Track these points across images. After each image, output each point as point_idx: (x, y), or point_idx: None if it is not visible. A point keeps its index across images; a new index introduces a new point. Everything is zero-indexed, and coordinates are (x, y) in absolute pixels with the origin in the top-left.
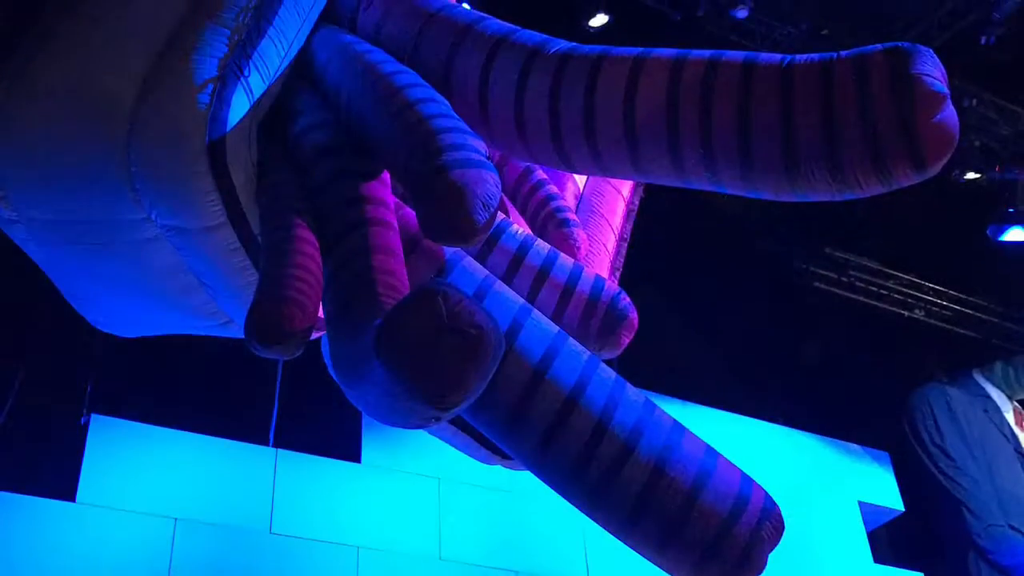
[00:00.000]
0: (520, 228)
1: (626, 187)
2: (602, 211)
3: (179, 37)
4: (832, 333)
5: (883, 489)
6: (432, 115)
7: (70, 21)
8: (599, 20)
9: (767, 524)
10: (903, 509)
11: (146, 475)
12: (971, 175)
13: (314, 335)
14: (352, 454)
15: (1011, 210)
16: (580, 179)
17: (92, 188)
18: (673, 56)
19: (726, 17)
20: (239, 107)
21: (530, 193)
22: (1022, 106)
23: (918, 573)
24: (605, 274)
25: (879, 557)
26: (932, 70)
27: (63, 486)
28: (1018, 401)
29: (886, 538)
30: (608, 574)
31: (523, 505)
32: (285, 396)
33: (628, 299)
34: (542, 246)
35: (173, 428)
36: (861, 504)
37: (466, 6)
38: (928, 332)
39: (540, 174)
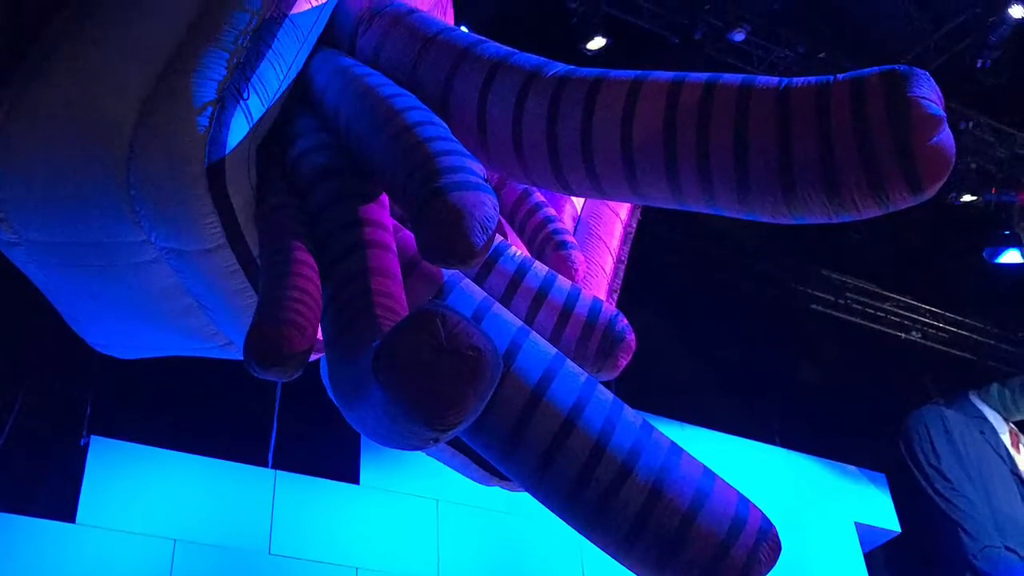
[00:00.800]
0: (518, 250)
1: (624, 209)
2: (600, 233)
3: (179, 60)
4: (829, 355)
5: (880, 510)
6: (430, 137)
7: (71, 44)
8: (597, 43)
9: (764, 545)
10: (899, 530)
11: (146, 496)
12: (967, 197)
13: (313, 357)
14: (351, 475)
15: (1007, 232)
16: (578, 202)
17: (92, 210)
18: (671, 79)
19: (723, 40)
20: (238, 130)
21: (528, 215)
22: (1018, 129)
23: None
24: (603, 296)
25: None
26: (929, 93)
27: (63, 507)
28: (1014, 423)
29: (883, 559)
30: None
31: (521, 526)
32: (284, 418)
33: (626, 321)
34: (540, 268)
35: (172, 449)
36: (858, 525)
37: (464, 29)
38: (924, 354)
39: (538, 196)
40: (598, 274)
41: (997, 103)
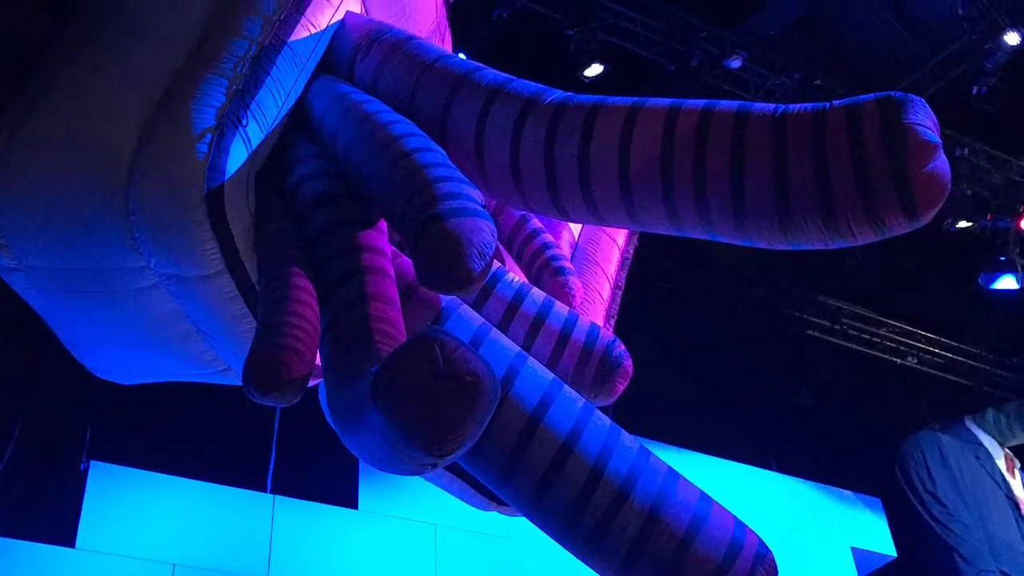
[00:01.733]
0: (516, 276)
1: (621, 235)
2: (597, 259)
3: (178, 87)
4: (825, 380)
5: (876, 535)
6: (428, 164)
7: (70, 70)
8: (594, 70)
9: (761, 570)
10: (895, 555)
11: (145, 521)
12: (963, 224)
13: (311, 382)
14: (349, 500)
15: (1002, 258)
16: (575, 228)
17: (91, 237)
18: (667, 106)
19: (720, 67)
20: (237, 156)
21: (526, 242)
22: (1014, 155)
23: None
24: (600, 322)
25: None
26: (924, 119)
27: (63, 532)
28: (1009, 448)
29: None
30: None
31: (519, 551)
32: (282, 443)
33: (623, 346)
34: (537, 294)
35: (172, 474)
36: (854, 550)
37: (462, 56)
38: (920, 379)
39: (536, 223)
40: (595, 300)
41: (993, 130)
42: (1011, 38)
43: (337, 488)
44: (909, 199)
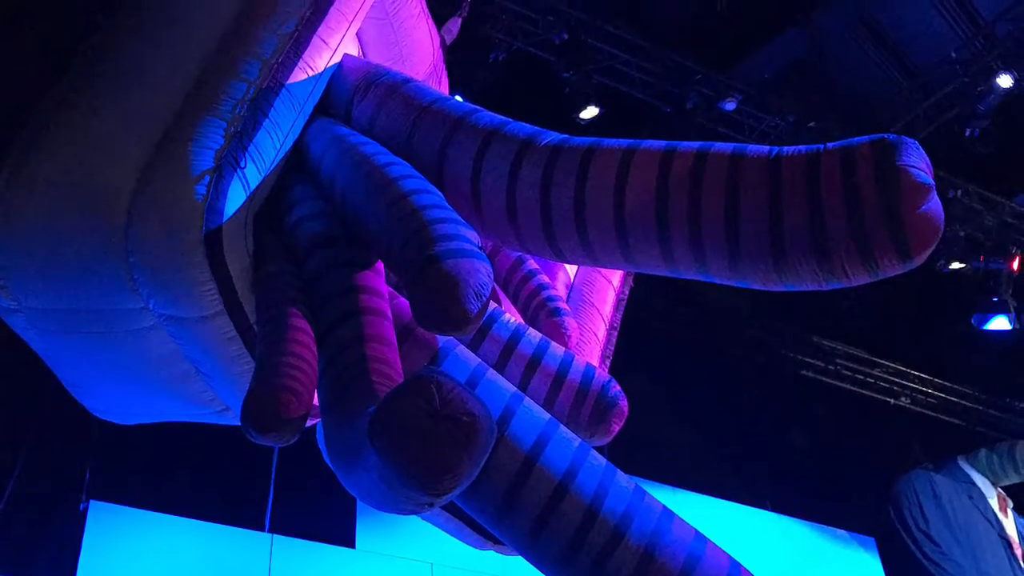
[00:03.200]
0: (512, 317)
1: (616, 277)
2: (593, 300)
3: (176, 129)
4: (819, 420)
5: (870, 574)
6: (425, 206)
7: (69, 112)
8: (590, 112)
9: None
10: None
11: (144, 561)
12: (956, 265)
13: (309, 422)
14: (347, 539)
15: (995, 299)
16: (571, 269)
17: (91, 277)
18: (663, 148)
19: (715, 109)
20: (235, 198)
21: (522, 283)
22: (1007, 197)
23: None
24: (596, 362)
25: None
26: (918, 161)
27: (62, 571)
28: (1002, 487)
29: None
30: None
31: None
32: (281, 482)
33: (618, 387)
34: (533, 335)
35: (171, 514)
36: None
37: (459, 99)
38: (913, 419)
39: (532, 264)
40: (591, 340)
41: (985, 171)
42: (1004, 81)
43: (335, 527)
44: (903, 240)
